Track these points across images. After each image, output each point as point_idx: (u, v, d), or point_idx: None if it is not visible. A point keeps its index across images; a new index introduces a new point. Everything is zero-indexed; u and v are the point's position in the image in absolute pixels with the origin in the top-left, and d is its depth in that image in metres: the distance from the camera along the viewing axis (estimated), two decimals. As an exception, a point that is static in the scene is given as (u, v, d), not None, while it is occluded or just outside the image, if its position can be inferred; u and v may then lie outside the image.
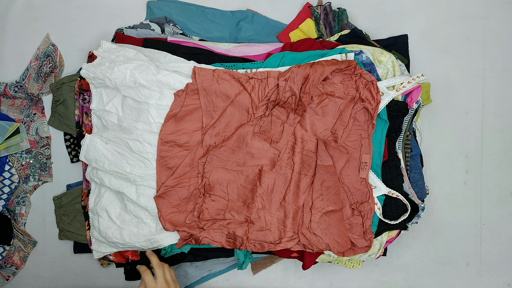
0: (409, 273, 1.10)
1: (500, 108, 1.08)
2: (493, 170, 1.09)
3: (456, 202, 1.09)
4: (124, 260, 1.00)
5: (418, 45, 1.06)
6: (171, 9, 1.04)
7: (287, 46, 0.98)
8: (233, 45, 0.99)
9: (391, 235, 0.97)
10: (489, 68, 1.08)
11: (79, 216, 1.02)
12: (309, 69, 0.89)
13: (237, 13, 1.05)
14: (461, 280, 1.10)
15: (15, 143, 1.03)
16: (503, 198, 1.09)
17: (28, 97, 1.04)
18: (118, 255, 0.99)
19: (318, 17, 1.02)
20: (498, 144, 1.09)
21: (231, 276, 1.07)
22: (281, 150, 0.93)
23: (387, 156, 0.94)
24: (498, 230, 1.10)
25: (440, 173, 1.08)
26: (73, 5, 1.06)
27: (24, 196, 1.06)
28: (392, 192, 0.92)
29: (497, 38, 1.08)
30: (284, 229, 0.93)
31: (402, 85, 0.92)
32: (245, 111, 0.94)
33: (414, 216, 0.96)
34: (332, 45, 0.97)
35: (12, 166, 1.04)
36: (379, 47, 0.97)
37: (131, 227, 0.93)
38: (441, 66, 1.07)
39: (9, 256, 1.06)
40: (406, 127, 0.94)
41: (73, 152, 1.04)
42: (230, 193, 0.94)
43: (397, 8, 1.07)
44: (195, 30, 1.04)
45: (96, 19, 1.06)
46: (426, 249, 1.09)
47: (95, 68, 0.91)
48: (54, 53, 1.04)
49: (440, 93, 1.07)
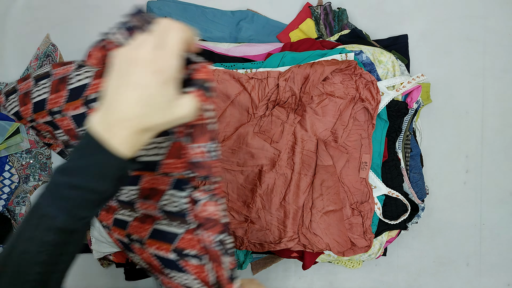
0: (409, 273, 1.10)
1: (500, 108, 1.08)
2: (493, 170, 1.09)
3: (456, 202, 1.09)
4: (124, 260, 1.00)
5: (418, 45, 1.06)
6: (171, 9, 1.04)
7: (287, 46, 0.98)
8: (233, 45, 0.99)
9: (391, 235, 0.97)
10: (489, 68, 1.08)
11: (79, 216, 1.02)
12: (309, 69, 0.89)
13: (237, 13, 1.05)
14: (461, 280, 1.10)
15: (15, 143, 1.03)
16: (503, 198, 1.09)
17: (28, 97, 1.04)
18: (118, 255, 0.99)
19: (318, 17, 1.02)
20: (498, 144, 1.09)
21: (231, 276, 1.07)
22: (281, 150, 0.93)
23: (387, 156, 0.94)
24: (498, 230, 1.10)
25: (440, 173, 1.08)
26: (73, 5, 1.06)
27: (24, 196, 1.06)
28: (392, 192, 0.92)
29: (497, 38, 1.08)
30: (284, 229, 0.93)
31: (402, 85, 0.92)
32: (245, 111, 0.94)
33: (414, 216, 0.96)
34: (332, 45, 0.97)
35: (12, 166, 1.04)
36: (379, 47, 0.97)
37: (131, 227, 0.93)
38: (441, 66, 1.07)
39: (9, 256, 1.06)
40: (406, 127, 0.94)
41: (73, 152, 1.04)
42: (230, 193, 0.94)
43: (397, 8, 1.07)
44: (195, 30, 1.04)
45: (96, 19, 1.06)
46: (426, 249, 1.09)
47: (95, 68, 0.91)
48: (54, 53, 1.04)
49: (440, 93, 1.07)
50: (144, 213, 0.59)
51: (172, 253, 0.56)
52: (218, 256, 0.53)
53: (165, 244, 0.56)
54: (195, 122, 0.47)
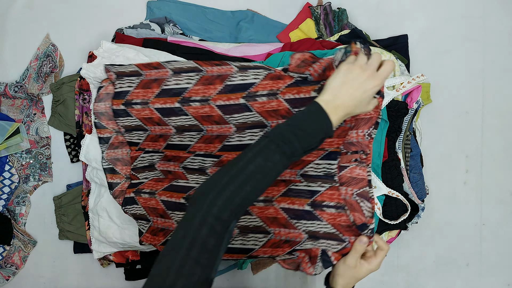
0: (409, 273, 1.10)
1: (500, 108, 1.08)
2: (493, 170, 1.09)
3: (456, 202, 1.09)
4: (124, 260, 1.00)
5: (418, 45, 1.06)
6: (171, 9, 1.04)
7: (287, 46, 0.98)
8: (233, 45, 0.99)
9: (391, 235, 0.97)
10: (489, 68, 1.08)
11: (79, 216, 1.02)
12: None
13: (237, 13, 1.05)
14: (461, 280, 1.10)
15: (15, 143, 1.03)
16: (503, 198, 1.09)
17: (28, 97, 1.04)
18: (118, 255, 0.99)
19: (318, 17, 1.02)
20: (498, 144, 1.09)
21: (231, 276, 1.07)
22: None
23: (387, 156, 0.94)
24: (498, 230, 1.10)
25: (440, 173, 1.08)
26: (73, 5, 1.06)
27: (24, 196, 1.06)
28: (392, 192, 0.92)
29: (497, 38, 1.08)
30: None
31: (402, 85, 0.92)
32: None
33: (414, 216, 0.96)
34: (332, 45, 0.97)
35: (12, 166, 1.04)
36: (379, 47, 0.97)
37: (131, 227, 0.93)
38: (441, 66, 1.07)
39: (9, 256, 1.06)
40: (406, 127, 0.94)
41: (73, 152, 1.04)
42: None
43: (397, 8, 1.07)
44: (195, 30, 1.04)
45: (96, 19, 1.06)
46: (426, 249, 1.09)
47: (95, 68, 0.91)
48: (54, 53, 1.04)
49: (440, 93, 1.07)
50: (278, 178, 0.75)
51: (307, 206, 0.75)
52: (357, 204, 0.73)
53: (300, 200, 0.76)
54: (365, 115, 0.72)
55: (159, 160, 0.89)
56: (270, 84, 0.78)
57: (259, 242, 0.80)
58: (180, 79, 0.83)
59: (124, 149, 0.90)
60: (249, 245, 0.80)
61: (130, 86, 0.86)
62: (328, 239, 0.74)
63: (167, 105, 0.84)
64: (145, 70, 0.85)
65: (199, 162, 0.86)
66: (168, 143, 0.87)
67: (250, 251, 0.81)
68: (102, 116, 0.89)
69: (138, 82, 0.86)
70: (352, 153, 0.75)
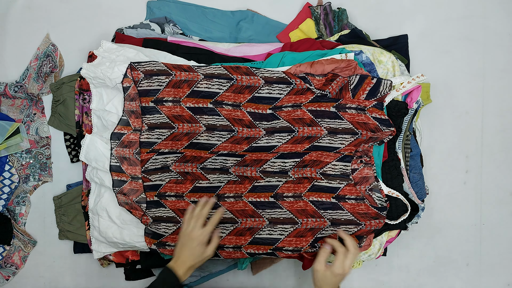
0: (409, 273, 1.10)
1: (500, 108, 1.08)
2: (493, 170, 1.09)
3: (456, 202, 1.09)
4: (124, 260, 1.00)
5: (418, 45, 1.06)
6: (171, 9, 1.04)
7: (287, 46, 0.98)
8: (233, 45, 0.99)
9: (391, 235, 0.97)
10: (489, 68, 1.08)
11: (79, 216, 1.02)
12: (309, 69, 0.89)
13: (237, 13, 1.05)
14: (461, 280, 1.10)
15: (15, 143, 1.03)
16: (503, 198, 1.09)
17: (28, 97, 1.04)
18: (118, 255, 0.99)
19: (318, 17, 1.02)
20: (498, 144, 1.09)
21: (231, 276, 1.07)
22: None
23: (387, 156, 0.94)
24: (498, 230, 1.10)
25: (440, 173, 1.08)
26: (73, 5, 1.06)
27: (24, 196, 1.06)
28: (392, 192, 0.92)
29: (497, 38, 1.08)
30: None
31: (402, 85, 0.92)
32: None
33: (414, 216, 0.96)
34: (332, 45, 0.97)
35: (12, 166, 1.04)
36: (379, 47, 0.97)
37: (131, 227, 0.93)
38: (441, 66, 1.07)
39: (9, 256, 1.06)
40: (406, 127, 0.94)
41: (73, 152, 1.04)
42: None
43: (397, 8, 1.07)
44: (195, 30, 1.04)
45: (96, 19, 1.06)
46: (426, 249, 1.09)
47: (95, 68, 0.91)
48: (54, 53, 1.04)
49: (440, 93, 1.07)
50: (299, 177, 0.90)
51: (333, 199, 0.89)
52: (370, 197, 0.90)
53: (326, 194, 0.90)
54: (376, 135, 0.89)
55: (174, 162, 0.90)
56: (293, 98, 0.89)
57: (285, 232, 0.90)
58: (211, 84, 0.89)
59: (131, 149, 0.90)
60: (275, 235, 0.90)
61: (160, 85, 0.89)
62: (348, 224, 0.89)
63: (199, 105, 0.89)
64: (175, 71, 0.89)
65: (221, 162, 0.91)
66: (192, 142, 0.90)
67: (276, 242, 0.90)
68: (132, 114, 0.91)
69: (168, 81, 0.89)
70: (358, 158, 0.90)
